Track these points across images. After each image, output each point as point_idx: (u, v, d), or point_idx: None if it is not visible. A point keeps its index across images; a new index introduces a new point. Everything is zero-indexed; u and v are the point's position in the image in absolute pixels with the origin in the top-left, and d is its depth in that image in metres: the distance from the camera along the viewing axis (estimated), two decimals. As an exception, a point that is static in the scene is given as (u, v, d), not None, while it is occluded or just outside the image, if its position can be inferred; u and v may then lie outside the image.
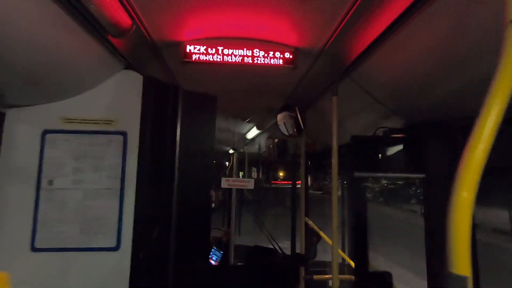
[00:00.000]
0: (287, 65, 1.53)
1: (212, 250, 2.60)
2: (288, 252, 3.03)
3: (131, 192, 1.47)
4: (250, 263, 2.49)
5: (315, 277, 2.33)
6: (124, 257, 1.42)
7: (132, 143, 1.50)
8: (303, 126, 2.55)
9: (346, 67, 1.57)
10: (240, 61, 1.51)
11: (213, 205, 4.23)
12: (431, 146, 1.54)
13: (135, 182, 1.48)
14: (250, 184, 1.89)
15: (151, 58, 1.61)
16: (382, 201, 19.82)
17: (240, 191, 4.79)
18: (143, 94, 1.52)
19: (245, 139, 4.38)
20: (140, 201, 1.47)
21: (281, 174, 44.38)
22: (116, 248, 1.43)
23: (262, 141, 3.91)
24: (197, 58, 1.50)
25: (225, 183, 1.80)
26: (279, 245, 3.18)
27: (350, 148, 1.73)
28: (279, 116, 2.84)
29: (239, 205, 4.07)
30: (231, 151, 5.18)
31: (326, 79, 1.74)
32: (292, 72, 1.67)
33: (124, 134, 1.50)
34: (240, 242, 3.36)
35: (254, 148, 4.79)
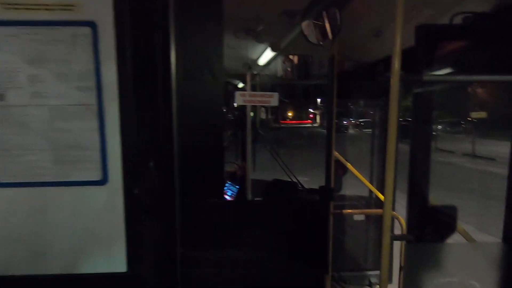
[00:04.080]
0: None
1: (227, 184, 2.34)
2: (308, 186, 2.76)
3: (113, 109, 1.07)
4: (270, 198, 2.23)
5: (344, 211, 2.07)
6: (114, 193, 1.10)
7: (106, 39, 1.05)
8: (333, 34, 1.99)
9: None
10: None
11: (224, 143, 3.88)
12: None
13: (118, 96, 1.07)
14: (273, 100, 1.47)
15: None
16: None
17: (253, 128, 4.40)
18: None
19: (256, 65, 3.81)
20: (126, 121, 1.08)
21: (290, 114, 44.00)
22: (102, 182, 1.10)
23: (279, 66, 3.35)
24: None
25: (240, 98, 1.39)
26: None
27: (415, 45, 1.23)
28: (304, 25, 2.26)
29: (253, 140, 3.72)
30: (240, 85, 4.67)
31: None
32: None
33: (92, 25, 1.04)
34: (256, 177, 3.10)
35: (266, 78, 4.25)
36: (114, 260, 1.13)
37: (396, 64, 1.15)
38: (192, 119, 1.26)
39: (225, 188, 2.32)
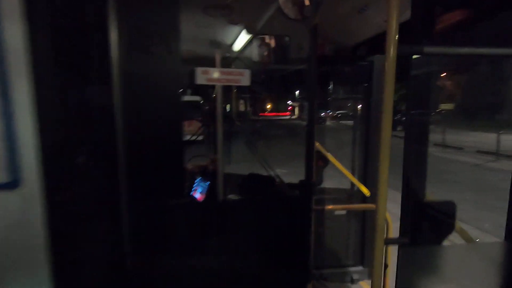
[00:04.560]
0: None
1: (197, 181, 2.09)
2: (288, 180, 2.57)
3: (22, 86, 0.79)
4: (246, 194, 2.01)
5: (328, 207, 1.90)
6: (30, 198, 0.82)
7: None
8: (313, 8, 1.77)
9: None
10: None
11: (200, 137, 3.63)
12: None
13: (30, 68, 0.79)
14: (244, 78, 1.23)
15: None
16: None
17: (230, 119, 4.15)
18: None
19: (230, 51, 3.53)
20: (44, 103, 0.80)
21: (269, 106, 44.18)
22: (13, 185, 0.81)
23: (254, 51, 3.10)
24: None
25: (202, 76, 1.12)
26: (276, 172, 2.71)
27: (411, 13, 1.03)
28: (281, 1, 2.03)
29: (230, 132, 3.48)
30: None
31: None
32: None
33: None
34: (232, 171, 2.87)
35: (241, 64, 3.99)
36: (36, 286, 0.87)
37: (392, 35, 0.94)
38: (142, 102, 0.99)
39: (195, 184, 2.08)
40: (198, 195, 2.00)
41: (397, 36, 0.92)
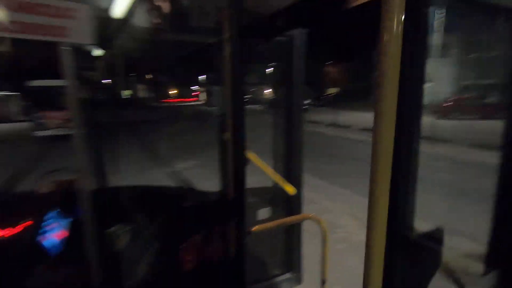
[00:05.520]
0: None
1: (51, 215, 1.27)
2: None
3: None
4: (141, 221, 1.36)
5: (256, 228, 1.45)
6: None
7: None
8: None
9: None
10: None
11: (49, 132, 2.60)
12: None
13: None
14: (78, 28, 0.38)
15: None
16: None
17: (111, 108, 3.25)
18: None
19: (109, 20, 2.62)
20: None
21: (173, 92, 41.54)
22: None
23: (141, 16, 2.32)
24: None
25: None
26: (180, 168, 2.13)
27: None
28: None
29: (114, 126, 2.66)
30: (96, 52, 3.31)
31: None
32: None
33: None
34: (124, 182, 2.11)
35: (131, 42, 3.17)
36: None
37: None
38: None
39: (49, 222, 1.25)
40: (53, 239, 1.23)
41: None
